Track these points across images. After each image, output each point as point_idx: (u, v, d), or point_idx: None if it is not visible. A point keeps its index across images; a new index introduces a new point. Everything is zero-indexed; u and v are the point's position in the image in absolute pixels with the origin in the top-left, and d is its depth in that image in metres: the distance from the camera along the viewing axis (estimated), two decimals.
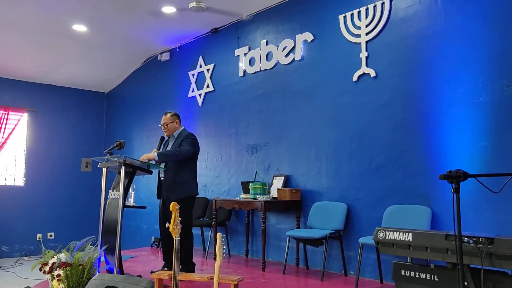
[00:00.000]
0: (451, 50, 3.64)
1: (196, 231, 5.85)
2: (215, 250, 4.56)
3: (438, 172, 3.58)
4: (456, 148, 3.54)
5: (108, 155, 3.87)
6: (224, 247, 2.42)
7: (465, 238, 2.16)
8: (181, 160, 4.01)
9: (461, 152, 3.51)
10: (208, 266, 4.73)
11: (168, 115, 4.20)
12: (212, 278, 2.38)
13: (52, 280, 3.12)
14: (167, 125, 4.18)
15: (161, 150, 4.13)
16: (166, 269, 4.02)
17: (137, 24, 5.86)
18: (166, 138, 4.28)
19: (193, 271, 4.05)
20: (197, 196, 4.16)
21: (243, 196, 4.93)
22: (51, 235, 7.63)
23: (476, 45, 3.50)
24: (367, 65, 4.23)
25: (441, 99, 3.67)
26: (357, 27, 4.33)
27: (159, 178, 4.18)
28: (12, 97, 7.42)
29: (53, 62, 7.05)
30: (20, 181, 7.52)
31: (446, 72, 3.66)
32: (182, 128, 4.27)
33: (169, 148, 4.16)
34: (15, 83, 7.50)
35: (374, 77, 4.16)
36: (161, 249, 4.28)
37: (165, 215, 4.08)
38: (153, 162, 3.91)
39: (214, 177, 5.90)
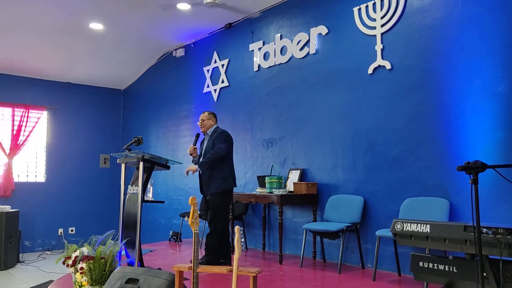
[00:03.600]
0: (468, 40, 3.60)
1: None
2: (232, 243, 4.61)
3: (455, 164, 3.55)
4: (474, 139, 3.51)
5: (126, 151, 3.95)
6: (242, 240, 2.45)
7: (484, 229, 2.16)
8: (220, 160, 4.23)
9: (479, 143, 3.47)
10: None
11: (206, 113, 4.50)
12: (231, 271, 2.42)
13: (75, 273, 3.20)
14: (203, 121, 4.45)
15: (196, 159, 4.40)
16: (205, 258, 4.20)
17: (152, 21, 5.92)
18: (201, 134, 4.49)
19: (216, 263, 4.14)
20: (232, 189, 4.37)
21: (259, 190, 4.96)
22: (72, 230, 7.81)
23: (494, 35, 3.45)
24: (382, 58, 4.20)
25: (459, 90, 3.64)
26: (372, 19, 4.31)
27: (199, 174, 4.36)
28: (32, 96, 7.59)
29: (71, 61, 7.17)
30: (41, 178, 7.70)
31: (464, 62, 3.62)
32: (216, 125, 4.49)
33: (205, 144, 4.42)
34: (35, 82, 7.66)
35: (389, 69, 4.14)
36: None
37: (206, 207, 4.33)
38: (171, 161, 4.05)
39: None
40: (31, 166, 7.65)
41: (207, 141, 4.42)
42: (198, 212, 2.51)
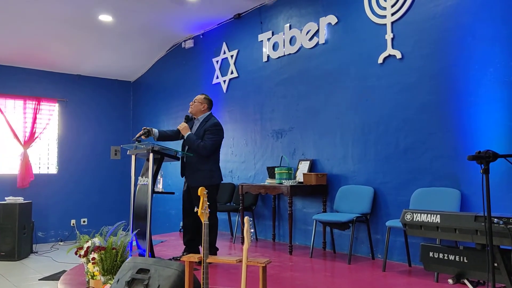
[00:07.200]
0: (481, 28, 3.53)
1: (223, 216, 5.95)
2: (242, 234, 4.63)
3: (467, 153, 3.50)
4: (486, 129, 3.46)
5: (136, 142, 3.96)
6: (252, 230, 2.46)
7: (495, 219, 2.13)
8: (206, 153, 4.03)
9: (491, 133, 3.43)
10: (236, 250, 4.82)
11: (202, 96, 4.26)
12: (241, 261, 2.43)
13: (87, 263, 3.25)
14: (194, 102, 4.21)
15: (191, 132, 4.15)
16: (185, 253, 4.08)
17: (161, 12, 5.91)
18: (191, 116, 4.25)
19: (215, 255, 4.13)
20: (220, 183, 4.17)
21: (269, 181, 4.96)
22: (84, 221, 7.91)
23: (506, 22, 3.38)
24: (392, 47, 4.15)
25: (471, 79, 3.58)
26: (382, 8, 4.25)
27: (182, 158, 4.19)
28: (43, 88, 7.64)
29: (81, 53, 7.21)
30: (53, 169, 7.79)
31: (476, 51, 3.56)
32: (209, 113, 4.25)
33: (193, 130, 4.18)
34: (46, 74, 7.72)
35: (400, 58, 4.09)
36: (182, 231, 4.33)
37: (188, 198, 4.16)
38: (180, 152, 3.99)
39: (240, 163, 5.96)
40: (43, 158, 7.74)
41: (197, 127, 4.16)
42: (207, 203, 2.52)
